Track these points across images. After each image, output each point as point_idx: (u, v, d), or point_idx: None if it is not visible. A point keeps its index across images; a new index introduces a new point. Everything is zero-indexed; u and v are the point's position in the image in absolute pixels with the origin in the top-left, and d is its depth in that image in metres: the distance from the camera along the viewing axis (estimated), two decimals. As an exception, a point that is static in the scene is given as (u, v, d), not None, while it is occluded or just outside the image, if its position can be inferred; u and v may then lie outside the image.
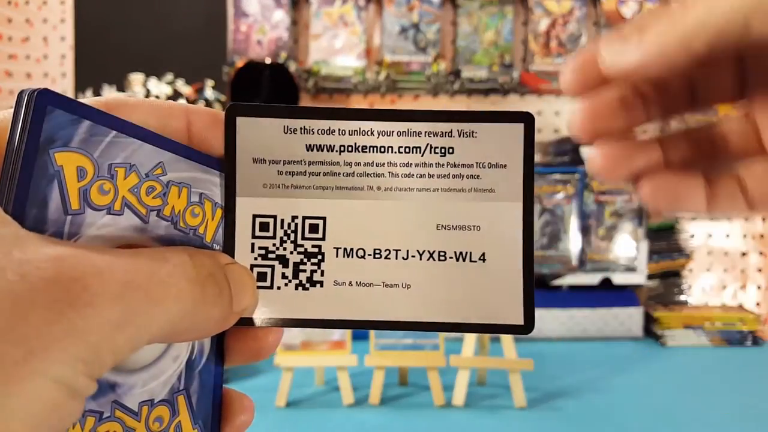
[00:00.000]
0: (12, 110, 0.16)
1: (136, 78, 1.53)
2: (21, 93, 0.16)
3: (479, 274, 0.22)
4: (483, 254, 0.22)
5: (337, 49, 1.46)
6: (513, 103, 1.57)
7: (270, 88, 1.37)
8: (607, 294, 1.30)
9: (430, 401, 0.94)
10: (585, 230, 1.27)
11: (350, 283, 0.21)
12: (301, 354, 0.96)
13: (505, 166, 0.22)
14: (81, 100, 0.17)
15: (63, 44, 1.55)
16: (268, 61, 1.40)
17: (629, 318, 1.29)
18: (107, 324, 0.14)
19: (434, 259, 0.22)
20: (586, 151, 1.13)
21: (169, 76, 1.53)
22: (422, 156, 0.22)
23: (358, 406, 0.93)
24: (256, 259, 0.21)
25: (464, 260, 0.22)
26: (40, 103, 0.16)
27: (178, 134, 0.20)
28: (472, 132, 0.22)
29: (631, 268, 1.29)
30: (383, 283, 0.22)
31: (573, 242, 1.27)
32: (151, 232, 0.18)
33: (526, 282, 0.22)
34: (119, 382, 0.17)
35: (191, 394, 0.19)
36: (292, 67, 1.41)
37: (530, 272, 0.22)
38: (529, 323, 0.22)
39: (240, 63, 1.34)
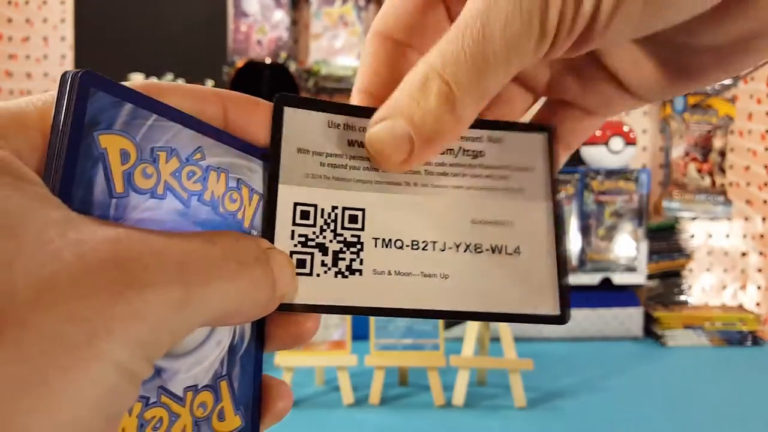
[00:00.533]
0: (55, 93, 0.16)
1: (136, 78, 1.53)
2: (64, 74, 0.15)
3: (514, 265, 0.22)
4: (517, 247, 0.22)
5: (337, 49, 1.46)
6: (513, 103, 1.57)
7: (270, 88, 1.37)
8: (607, 294, 1.30)
9: (430, 401, 0.94)
10: (585, 230, 1.27)
11: (389, 272, 0.22)
12: (301, 354, 0.96)
13: (531, 169, 0.23)
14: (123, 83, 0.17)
15: (63, 44, 1.55)
16: (268, 61, 1.40)
17: (629, 318, 1.29)
18: (167, 305, 0.14)
19: (471, 251, 0.22)
20: (584, 151, 1.13)
21: (169, 76, 1.53)
22: (455, 157, 0.23)
23: (358, 406, 0.93)
24: (295, 246, 0.21)
25: (499, 253, 0.22)
26: (83, 85, 0.15)
27: (214, 120, 0.19)
28: (500, 138, 0.23)
29: (631, 268, 1.29)
30: (421, 273, 0.22)
31: (573, 242, 1.27)
32: (193, 216, 0.18)
33: (560, 274, 0.22)
34: (165, 367, 0.17)
35: (233, 379, 0.19)
36: (292, 67, 1.41)
37: (564, 264, 0.22)
38: (564, 314, 0.22)
39: (240, 63, 1.34)
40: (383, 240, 0.22)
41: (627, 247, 1.28)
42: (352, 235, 0.22)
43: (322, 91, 1.51)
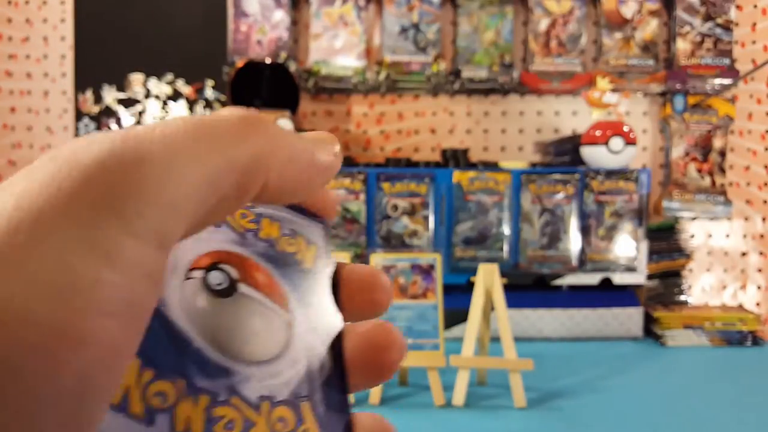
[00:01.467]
0: None
1: (136, 78, 1.53)
2: None
3: None
4: None
5: (337, 49, 1.46)
6: (513, 103, 1.57)
7: (270, 88, 1.37)
8: (607, 294, 1.30)
9: (430, 401, 0.94)
10: (585, 230, 1.27)
11: None
12: (301, 354, 0.96)
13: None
14: None
15: (63, 44, 1.55)
16: (268, 60, 1.40)
17: (629, 318, 1.29)
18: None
19: None
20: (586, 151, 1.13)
21: (169, 76, 1.53)
22: None
23: (358, 406, 0.94)
24: None
25: None
26: None
27: None
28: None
29: (631, 268, 1.29)
30: None
31: (573, 242, 1.27)
32: (250, 246, 0.19)
33: None
34: (232, 368, 0.17)
35: (316, 404, 0.19)
36: (292, 67, 1.41)
37: None
38: None
39: (240, 63, 1.34)
40: None
41: (627, 247, 1.28)
42: None
43: (322, 92, 1.51)
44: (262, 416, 0.17)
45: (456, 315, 1.19)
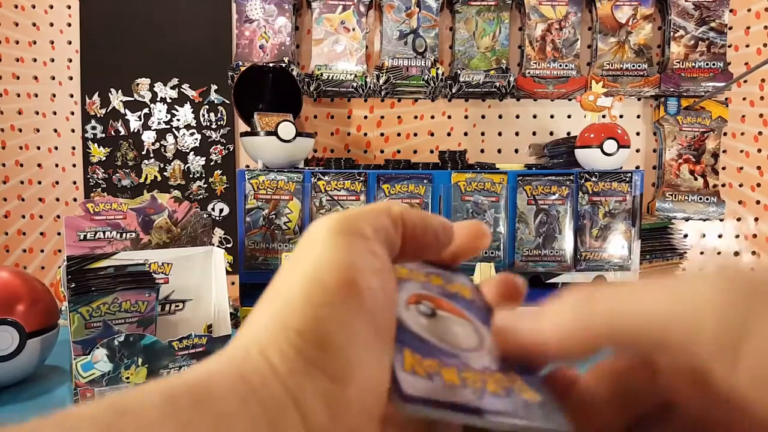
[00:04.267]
0: None
1: (142, 82, 1.56)
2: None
3: None
4: None
5: (338, 54, 1.48)
6: (509, 107, 1.60)
7: (272, 92, 1.39)
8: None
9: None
10: (579, 230, 1.30)
11: None
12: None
13: None
14: None
15: (69, 48, 1.57)
16: (270, 65, 1.42)
17: (622, 316, 1.31)
18: None
19: None
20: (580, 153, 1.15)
21: (175, 80, 1.56)
22: None
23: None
24: None
25: None
26: None
27: None
28: None
29: (624, 267, 1.31)
30: None
31: (568, 242, 1.30)
32: (432, 291, 0.28)
33: None
34: (459, 354, 0.25)
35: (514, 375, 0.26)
36: (295, 71, 1.44)
37: None
38: None
39: (243, 67, 1.37)
40: None
41: (620, 246, 1.31)
42: None
43: (324, 95, 1.54)
44: (488, 377, 0.25)
45: (453, 313, 1.22)
